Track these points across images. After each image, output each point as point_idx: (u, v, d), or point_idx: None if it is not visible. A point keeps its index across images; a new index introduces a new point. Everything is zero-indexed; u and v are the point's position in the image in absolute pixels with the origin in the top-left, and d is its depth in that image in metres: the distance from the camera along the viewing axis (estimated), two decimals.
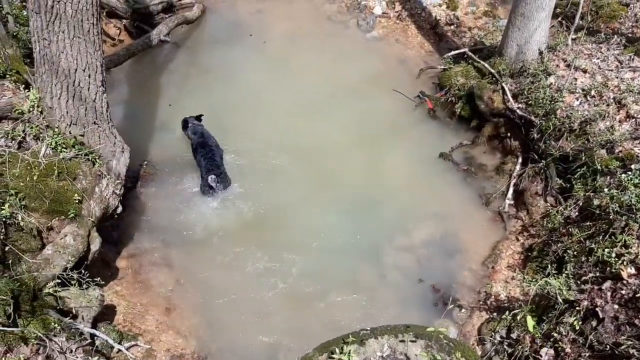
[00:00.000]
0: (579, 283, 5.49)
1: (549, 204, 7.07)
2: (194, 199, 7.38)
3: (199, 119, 8.16)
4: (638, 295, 4.94)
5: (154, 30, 9.43)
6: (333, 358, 4.66)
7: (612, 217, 5.78)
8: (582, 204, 6.47)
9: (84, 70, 5.62)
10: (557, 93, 7.28)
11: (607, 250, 5.49)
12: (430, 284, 6.65)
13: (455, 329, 6.18)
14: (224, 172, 7.53)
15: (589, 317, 5.13)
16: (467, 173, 7.94)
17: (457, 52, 9.14)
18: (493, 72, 8.13)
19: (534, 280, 5.75)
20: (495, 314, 6.18)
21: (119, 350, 5.28)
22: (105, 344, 5.25)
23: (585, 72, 7.47)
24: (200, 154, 7.60)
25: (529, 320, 4.94)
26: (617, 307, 5.02)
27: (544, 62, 7.72)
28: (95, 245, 5.81)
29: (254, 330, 6.17)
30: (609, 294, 5.17)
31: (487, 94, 8.03)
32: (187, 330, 6.15)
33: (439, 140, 8.40)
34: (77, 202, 5.66)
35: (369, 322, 5.88)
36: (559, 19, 8.66)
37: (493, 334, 5.86)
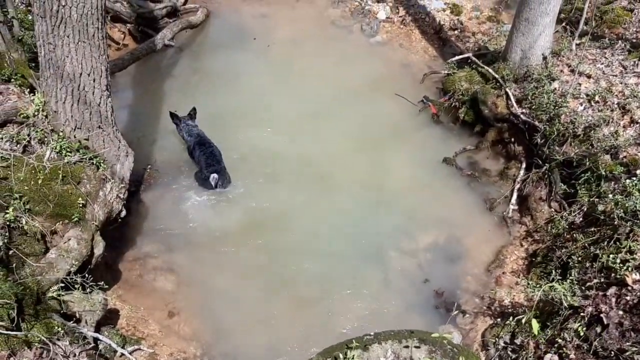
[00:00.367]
0: (584, 289, 5.46)
1: (553, 210, 7.05)
2: (198, 203, 7.37)
3: (192, 116, 8.12)
4: None
5: (158, 35, 9.46)
6: None
7: (616, 222, 5.76)
8: (586, 210, 6.45)
9: (89, 75, 5.63)
10: (561, 98, 7.26)
11: (611, 256, 5.47)
12: (433, 289, 6.64)
13: (459, 335, 6.15)
14: (224, 167, 7.55)
15: (594, 323, 5.11)
16: (470, 178, 7.92)
17: (461, 57, 9.14)
18: (497, 77, 8.12)
19: (538, 286, 5.73)
20: (499, 320, 6.16)
21: (122, 355, 5.28)
22: (109, 348, 5.25)
23: (590, 77, 7.46)
24: (200, 150, 7.63)
25: (534, 324, 4.91)
26: (621, 313, 5.00)
27: (548, 67, 7.71)
28: (99, 249, 5.80)
29: (257, 335, 6.16)
30: (614, 300, 5.15)
31: (491, 99, 8.03)
32: (190, 335, 6.14)
33: (443, 145, 8.39)
34: (81, 206, 5.66)
35: (372, 327, 5.86)
36: (563, 24, 8.64)
37: (497, 340, 5.83)
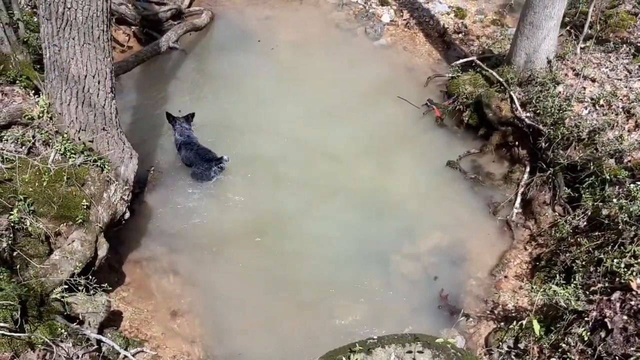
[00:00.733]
0: (588, 293, 5.44)
1: (557, 214, 7.04)
2: (201, 205, 7.38)
3: (189, 120, 8.16)
4: None
5: (163, 37, 9.47)
6: None
7: (621, 227, 5.75)
8: (590, 214, 6.44)
9: (94, 77, 5.64)
10: (565, 102, 7.25)
11: (616, 261, 5.45)
12: (438, 291, 6.63)
13: (463, 339, 6.14)
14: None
15: (598, 327, 5.08)
16: (474, 181, 7.91)
17: (465, 60, 9.13)
18: (501, 80, 8.11)
19: (542, 290, 5.71)
20: (503, 324, 6.14)
21: (125, 357, 5.28)
22: (112, 350, 5.25)
23: (594, 81, 7.45)
24: (186, 149, 7.77)
25: (535, 325, 4.90)
26: (626, 318, 4.98)
27: (553, 71, 7.71)
28: (103, 251, 5.81)
29: (260, 338, 6.16)
30: (618, 305, 5.13)
31: (495, 103, 8.02)
32: (193, 337, 6.14)
33: (447, 149, 8.38)
34: (85, 207, 5.67)
35: (376, 330, 5.87)
36: (568, 28, 8.63)
37: (500, 344, 5.82)
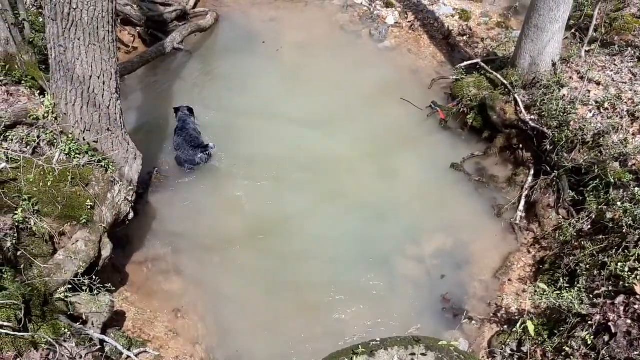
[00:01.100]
0: (592, 297, 5.44)
1: (561, 217, 7.02)
2: (204, 206, 7.39)
3: (192, 111, 8.36)
4: None
5: (168, 38, 9.50)
6: None
7: (625, 230, 5.74)
8: (594, 217, 6.42)
9: (99, 77, 5.66)
10: (570, 105, 7.24)
11: (620, 264, 5.45)
12: (441, 294, 6.62)
13: (466, 341, 6.13)
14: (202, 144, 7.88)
15: (602, 331, 5.08)
16: (478, 184, 7.90)
17: (469, 62, 9.12)
18: (506, 83, 8.10)
19: (545, 293, 5.70)
20: (506, 327, 6.13)
21: (128, 357, 5.28)
22: (115, 350, 5.25)
23: (599, 84, 7.44)
24: (178, 135, 7.96)
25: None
26: (630, 322, 4.98)
27: (557, 73, 7.69)
28: (107, 251, 5.83)
29: (262, 338, 6.17)
30: (622, 309, 5.12)
31: (499, 105, 8.01)
32: (195, 337, 6.16)
33: (451, 151, 8.37)
34: (89, 207, 5.68)
35: (379, 332, 5.86)
36: (573, 31, 8.62)
37: (504, 347, 5.81)
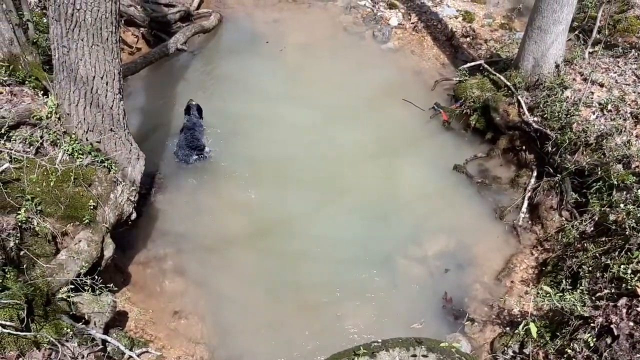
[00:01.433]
0: (594, 299, 5.42)
1: (564, 219, 7.01)
2: (207, 207, 7.40)
3: (200, 111, 8.46)
4: None
5: (171, 39, 9.53)
6: None
7: (628, 233, 5.72)
8: (597, 219, 6.41)
9: (102, 78, 5.67)
10: (573, 107, 7.23)
11: (622, 267, 5.43)
12: (442, 296, 6.62)
13: (468, 343, 6.12)
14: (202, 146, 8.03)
15: (604, 334, 5.06)
16: (481, 185, 7.89)
17: (472, 64, 9.13)
18: (509, 84, 8.10)
19: (548, 295, 5.69)
20: (508, 329, 6.12)
21: (130, 357, 5.29)
22: (117, 350, 5.26)
23: (602, 86, 7.42)
24: (183, 132, 8.13)
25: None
26: (632, 324, 4.96)
27: (561, 75, 7.68)
28: (109, 251, 5.84)
29: (264, 339, 6.16)
30: (624, 311, 5.10)
31: (502, 107, 8.00)
32: (197, 337, 6.16)
33: (454, 152, 8.37)
34: (92, 208, 5.69)
35: (380, 333, 5.85)
36: (576, 33, 8.61)
37: (506, 349, 5.79)
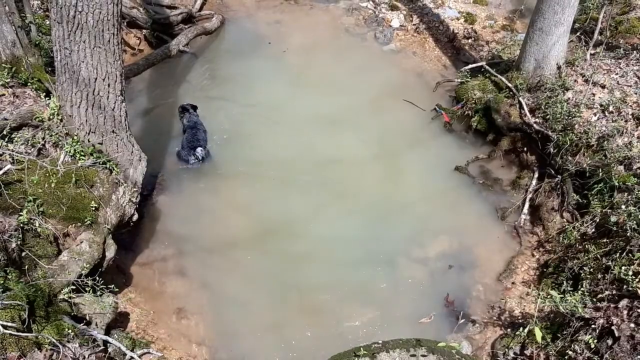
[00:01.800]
0: (595, 300, 5.42)
1: (565, 220, 7.00)
2: (209, 208, 7.41)
3: (195, 109, 8.47)
4: None
5: (174, 41, 9.56)
6: None
7: (629, 234, 5.71)
8: (598, 221, 6.40)
9: (104, 80, 5.69)
10: (574, 108, 7.23)
11: (624, 268, 5.42)
12: (444, 298, 6.61)
13: (468, 344, 6.11)
14: (204, 146, 8.00)
15: (605, 335, 5.06)
16: (482, 187, 7.89)
17: (474, 65, 9.14)
18: (510, 86, 8.10)
19: (549, 297, 5.68)
20: (509, 330, 6.11)
21: (132, 358, 5.29)
22: (118, 351, 5.26)
23: (604, 87, 7.42)
24: (187, 132, 8.07)
25: (537, 332, 4.89)
26: (633, 325, 4.95)
27: (562, 77, 7.68)
28: (111, 253, 5.85)
29: (266, 340, 6.16)
30: (626, 313, 5.10)
31: (504, 108, 8.00)
32: (199, 339, 6.16)
33: (455, 153, 8.37)
34: (93, 209, 5.71)
35: (381, 334, 5.85)
36: (578, 34, 8.60)
37: (506, 350, 5.79)
